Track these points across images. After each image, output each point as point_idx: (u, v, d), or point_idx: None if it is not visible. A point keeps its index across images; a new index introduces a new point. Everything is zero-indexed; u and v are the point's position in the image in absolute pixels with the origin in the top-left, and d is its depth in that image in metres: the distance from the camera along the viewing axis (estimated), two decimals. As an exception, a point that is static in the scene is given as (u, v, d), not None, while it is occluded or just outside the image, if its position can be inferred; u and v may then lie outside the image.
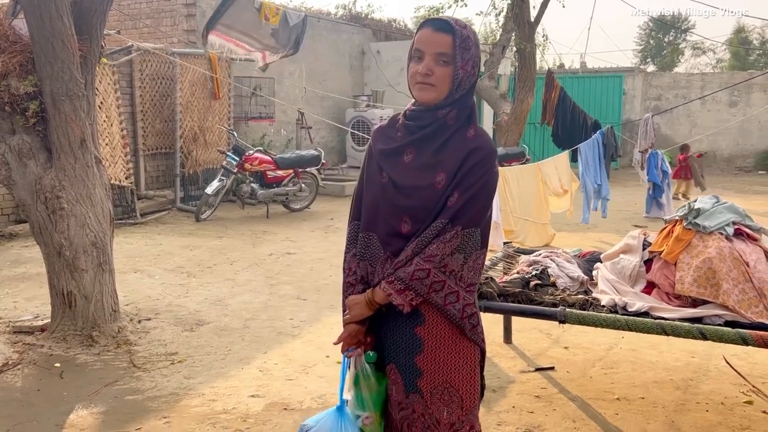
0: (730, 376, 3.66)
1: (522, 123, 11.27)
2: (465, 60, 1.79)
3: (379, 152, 1.91)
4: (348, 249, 1.99)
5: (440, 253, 1.77)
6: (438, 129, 1.83)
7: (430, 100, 1.81)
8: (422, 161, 1.83)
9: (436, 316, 1.82)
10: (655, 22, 28.66)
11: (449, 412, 1.82)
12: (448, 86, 1.80)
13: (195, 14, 10.49)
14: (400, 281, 1.79)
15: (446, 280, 1.78)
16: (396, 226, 1.84)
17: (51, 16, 3.86)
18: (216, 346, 4.19)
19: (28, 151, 4.07)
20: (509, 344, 4.20)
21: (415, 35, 1.84)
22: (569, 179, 7.26)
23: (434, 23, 1.80)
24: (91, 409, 3.31)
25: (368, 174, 1.94)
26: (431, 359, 1.83)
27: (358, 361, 1.90)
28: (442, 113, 1.82)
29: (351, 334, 1.90)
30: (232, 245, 7.31)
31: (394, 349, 1.88)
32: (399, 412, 1.88)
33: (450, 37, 1.77)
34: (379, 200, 1.88)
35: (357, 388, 1.90)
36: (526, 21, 10.68)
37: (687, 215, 3.27)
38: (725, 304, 2.93)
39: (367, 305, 1.86)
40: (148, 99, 9.33)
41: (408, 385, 1.85)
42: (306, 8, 14.27)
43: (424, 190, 1.80)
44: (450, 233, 1.77)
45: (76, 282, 4.12)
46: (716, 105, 15.98)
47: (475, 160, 1.78)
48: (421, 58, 1.79)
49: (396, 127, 1.91)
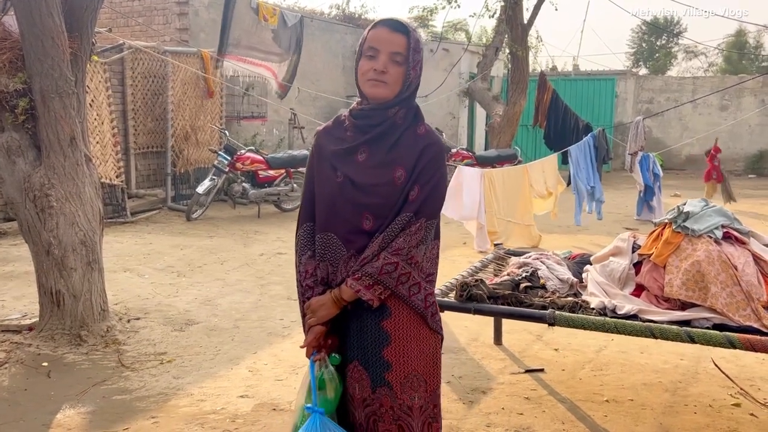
0: (718, 378, 3.68)
1: (514, 125, 11.29)
2: (416, 61, 1.88)
3: (331, 152, 1.94)
4: (302, 251, 2.00)
5: (407, 246, 1.83)
6: (389, 128, 1.89)
7: (382, 97, 1.87)
8: (378, 159, 1.89)
9: (401, 309, 1.88)
10: (648, 26, 28.79)
11: (419, 397, 1.89)
12: (399, 85, 1.87)
13: (187, 12, 10.45)
14: (368, 276, 1.83)
15: (411, 272, 1.85)
16: (358, 224, 1.88)
17: (41, 13, 3.84)
18: (205, 346, 4.17)
19: (16, 149, 4.04)
20: (499, 346, 4.20)
21: (367, 33, 1.89)
22: (555, 182, 7.30)
23: (391, 23, 1.87)
24: (79, 408, 3.29)
25: (320, 175, 1.96)
26: (399, 351, 1.88)
27: (322, 364, 1.90)
28: (391, 112, 1.89)
29: (317, 336, 1.90)
30: (222, 245, 7.28)
31: (359, 346, 1.91)
32: (364, 410, 1.91)
33: (405, 38, 1.86)
34: (337, 199, 1.91)
35: (322, 392, 1.89)
36: (519, 23, 10.71)
37: (676, 218, 3.28)
38: (713, 308, 2.94)
39: (334, 304, 1.89)
40: (139, 97, 9.28)
41: (375, 380, 1.88)
42: (299, 8, 14.24)
43: (384, 187, 1.87)
44: (415, 226, 1.84)
45: (65, 281, 4.09)
46: (707, 109, 16.07)
47: (430, 155, 1.87)
48: (374, 57, 1.85)
49: (344, 128, 1.96)
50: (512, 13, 10.62)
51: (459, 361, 3.93)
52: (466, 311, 3.24)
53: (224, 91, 10.29)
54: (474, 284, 3.27)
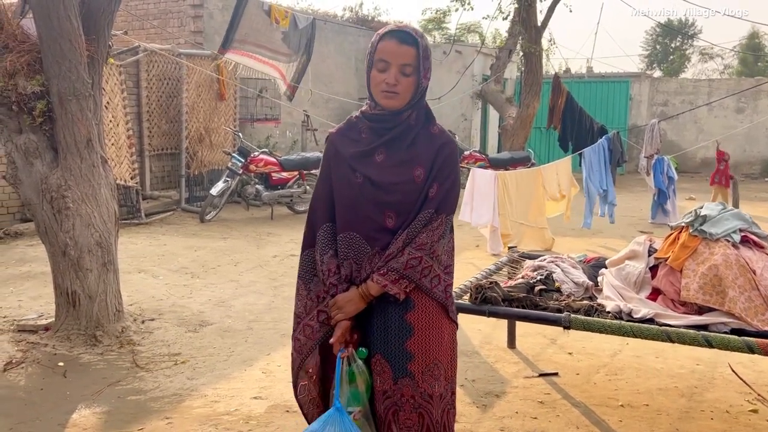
0: (735, 384, 3.64)
1: (528, 127, 11.25)
2: (426, 69, 1.96)
3: (349, 155, 1.99)
4: (324, 251, 2.02)
5: (430, 241, 1.92)
6: (404, 130, 1.98)
7: (395, 106, 1.95)
8: (397, 159, 1.97)
9: (424, 301, 1.96)
10: (662, 28, 28.60)
11: (438, 385, 1.96)
12: (410, 94, 1.95)
13: (202, 15, 10.52)
14: (394, 271, 1.90)
15: (433, 265, 1.94)
16: (381, 222, 1.96)
17: (59, 16, 3.87)
18: (219, 348, 4.19)
19: (34, 150, 4.08)
20: (513, 349, 4.18)
21: (376, 44, 1.93)
22: (568, 184, 7.24)
23: (399, 35, 1.92)
24: (94, 408, 3.31)
25: (338, 176, 2.01)
26: (421, 341, 1.95)
27: (352, 358, 1.95)
28: (405, 116, 1.97)
29: (344, 332, 1.95)
30: (236, 246, 7.31)
31: (382, 339, 1.97)
32: (384, 401, 1.96)
33: (414, 49, 1.92)
34: (358, 200, 1.96)
35: (353, 385, 1.94)
36: (533, 25, 10.67)
37: (693, 222, 3.25)
38: (731, 312, 2.91)
39: (362, 299, 1.95)
40: (154, 99, 9.35)
41: (397, 371, 1.94)
42: (313, 10, 14.29)
43: (405, 185, 1.95)
44: (437, 221, 1.94)
45: (81, 281, 4.12)
46: (723, 111, 15.91)
47: (446, 154, 1.97)
48: (385, 69, 1.92)
49: (358, 129, 2.02)
50: (526, 15, 10.58)
51: (472, 365, 3.92)
52: (481, 313, 3.23)
53: (238, 93, 10.34)
54: (488, 287, 3.26)
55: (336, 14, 15.21)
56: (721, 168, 9.87)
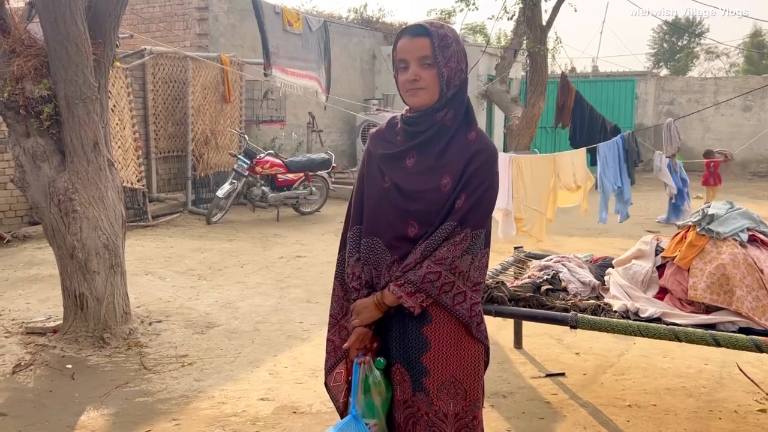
0: (743, 383, 3.62)
1: (533, 127, 11.22)
2: (447, 58, 1.82)
3: (380, 156, 1.93)
4: (350, 254, 1.98)
5: (450, 256, 1.80)
6: (438, 131, 1.86)
7: (424, 103, 1.84)
8: (426, 165, 1.85)
9: (443, 316, 1.86)
10: (669, 26, 28.49)
11: (455, 404, 1.87)
12: (437, 87, 1.83)
13: (207, 18, 10.55)
14: (410, 284, 1.82)
15: (455, 281, 1.82)
16: (402, 230, 1.87)
17: (66, 20, 3.89)
18: (226, 349, 4.20)
19: (42, 154, 4.10)
20: (519, 349, 4.17)
21: (395, 47, 1.88)
22: (584, 176, 7.06)
23: (411, 30, 1.85)
24: (102, 410, 3.33)
25: (369, 178, 1.95)
26: (437, 358, 1.87)
27: (368, 367, 1.91)
28: (439, 116, 1.85)
29: (360, 338, 1.91)
30: (242, 248, 7.33)
31: (401, 349, 1.91)
32: (404, 411, 1.92)
33: (428, 40, 1.81)
34: (383, 204, 1.90)
35: (368, 396, 1.90)
36: (538, 25, 10.65)
37: (701, 221, 3.24)
38: (739, 311, 2.90)
39: (377, 308, 1.89)
40: (160, 102, 9.39)
41: (415, 384, 1.89)
42: (318, 12, 14.30)
43: (430, 194, 1.83)
44: (460, 236, 1.81)
45: (88, 284, 4.14)
46: (730, 110, 15.83)
47: (479, 163, 1.82)
48: (406, 68, 1.84)
49: (395, 131, 1.94)
50: (531, 15, 10.56)
51: (479, 365, 3.91)
52: (487, 313, 3.21)
53: (243, 95, 10.37)
54: (495, 286, 3.25)
55: (341, 16, 15.23)
56: (711, 171, 10.65)
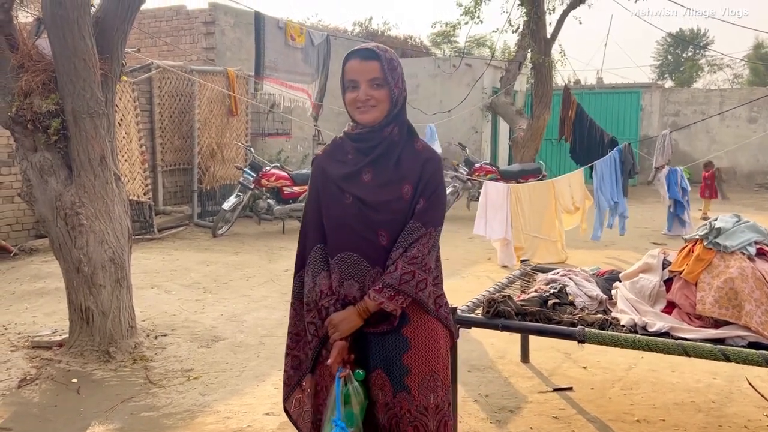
0: (753, 398, 3.58)
1: (538, 139, 11.23)
2: (395, 79, 1.98)
3: (337, 176, 2.02)
4: (316, 272, 2.02)
5: (421, 254, 1.95)
6: (388, 147, 2.00)
7: (374, 119, 1.98)
8: (384, 178, 1.99)
9: (419, 314, 2.00)
10: (674, 38, 28.53)
11: (435, 397, 1.98)
12: (387, 105, 1.98)
13: (213, 32, 10.64)
14: (389, 287, 1.92)
15: (427, 278, 1.96)
16: (375, 241, 1.98)
17: (73, 36, 3.93)
18: (231, 363, 4.19)
19: (49, 168, 4.12)
20: (526, 363, 4.15)
21: (343, 66, 1.99)
22: (582, 197, 7.21)
23: (360, 53, 1.97)
24: (107, 425, 3.32)
25: (327, 198, 2.04)
26: (417, 355, 1.98)
27: (348, 379, 1.96)
28: (387, 131, 1.99)
29: (340, 352, 1.97)
30: (248, 261, 7.33)
31: (381, 354, 1.99)
32: (387, 413, 1.99)
33: (377, 63, 1.96)
34: (349, 220, 1.99)
35: (348, 407, 1.95)
36: (543, 37, 10.68)
37: (707, 234, 3.22)
38: (748, 326, 2.87)
39: (359, 316, 1.96)
40: (167, 115, 9.44)
41: (396, 386, 1.98)
42: (323, 26, 14.40)
43: (394, 203, 1.97)
44: (426, 236, 1.96)
45: (94, 298, 4.15)
46: (735, 121, 15.81)
47: (431, 170, 2.00)
48: (356, 87, 1.97)
49: (345, 150, 2.05)
50: (535, 28, 10.60)
51: (486, 380, 3.89)
52: (494, 328, 3.20)
53: (249, 108, 10.42)
54: (501, 300, 3.23)
55: (346, 29, 15.34)
56: (708, 183, 10.83)
